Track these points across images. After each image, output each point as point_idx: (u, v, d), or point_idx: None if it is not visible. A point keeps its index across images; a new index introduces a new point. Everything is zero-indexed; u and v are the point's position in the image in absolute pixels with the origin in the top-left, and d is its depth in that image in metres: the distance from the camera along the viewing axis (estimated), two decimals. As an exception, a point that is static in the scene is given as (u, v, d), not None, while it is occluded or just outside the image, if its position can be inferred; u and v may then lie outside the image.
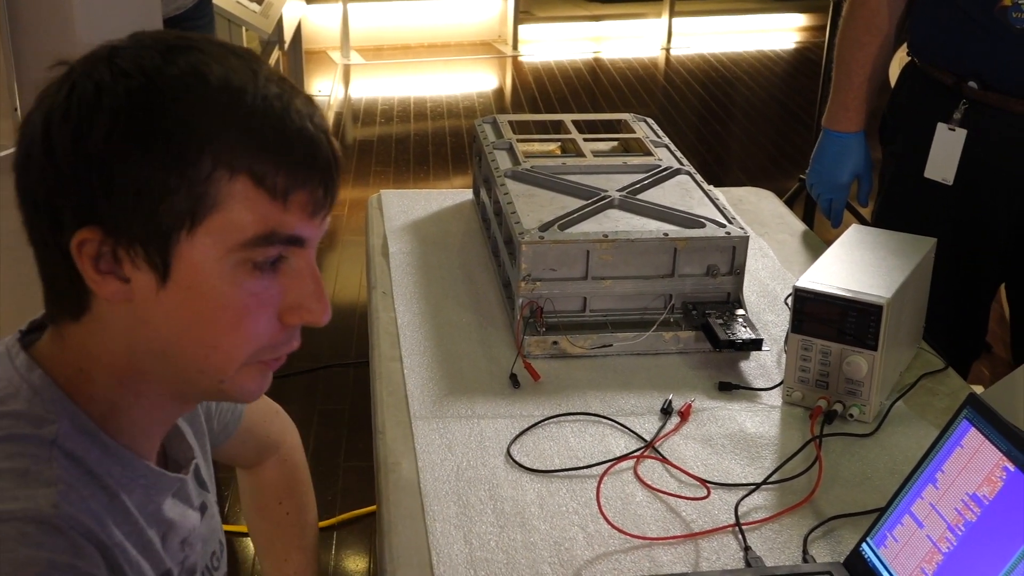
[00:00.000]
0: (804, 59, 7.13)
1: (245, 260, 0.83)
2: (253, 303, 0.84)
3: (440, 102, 6.04)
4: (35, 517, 0.79)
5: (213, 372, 0.86)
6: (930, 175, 1.87)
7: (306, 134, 0.84)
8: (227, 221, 0.81)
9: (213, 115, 0.81)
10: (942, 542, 1.09)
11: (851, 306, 1.42)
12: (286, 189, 0.82)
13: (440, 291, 1.79)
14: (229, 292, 0.83)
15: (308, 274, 0.86)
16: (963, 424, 1.12)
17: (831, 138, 2.02)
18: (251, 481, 1.40)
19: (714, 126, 5.92)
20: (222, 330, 0.84)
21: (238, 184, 0.81)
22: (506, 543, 1.22)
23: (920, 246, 1.58)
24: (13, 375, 0.87)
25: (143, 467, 0.90)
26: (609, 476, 1.34)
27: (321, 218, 0.87)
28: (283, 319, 0.86)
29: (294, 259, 0.86)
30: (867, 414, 1.46)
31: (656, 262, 1.62)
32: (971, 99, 1.81)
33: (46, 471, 0.82)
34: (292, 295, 0.86)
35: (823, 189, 2.05)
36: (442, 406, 1.48)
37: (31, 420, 0.84)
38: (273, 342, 0.87)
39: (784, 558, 1.22)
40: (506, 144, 1.98)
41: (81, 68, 0.83)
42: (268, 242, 0.83)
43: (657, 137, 2.06)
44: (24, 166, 0.84)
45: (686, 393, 1.52)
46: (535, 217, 1.66)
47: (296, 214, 0.84)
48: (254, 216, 0.82)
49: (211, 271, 0.82)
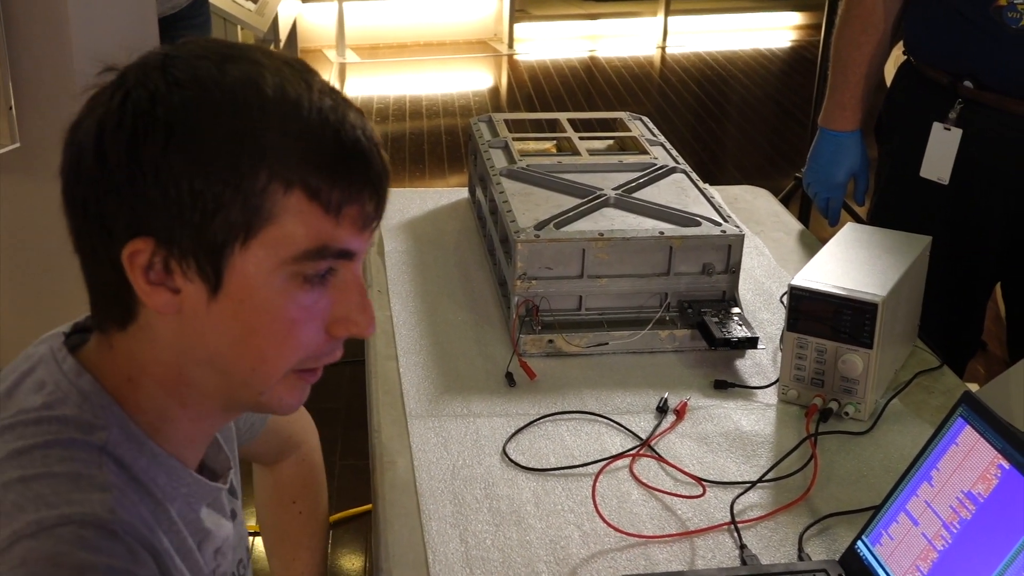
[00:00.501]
0: (800, 57, 7.13)
1: (296, 273, 0.83)
2: (302, 316, 0.84)
3: (436, 100, 6.04)
4: (92, 521, 0.78)
5: (256, 384, 0.86)
6: (926, 174, 1.87)
7: (360, 147, 0.83)
8: (280, 234, 0.81)
9: (269, 127, 0.80)
10: (937, 540, 1.09)
11: (846, 304, 1.42)
12: (340, 203, 0.82)
13: (436, 290, 1.79)
14: (280, 305, 0.83)
15: (355, 287, 0.86)
16: (958, 422, 1.13)
17: (828, 137, 2.02)
18: (268, 479, 1.40)
19: (710, 124, 5.92)
20: (270, 342, 0.84)
21: (292, 198, 0.81)
22: (502, 541, 1.22)
23: (915, 244, 1.58)
24: (61, 379, 0.86)
25: (188, 476, 0.90)
26: (605, 474, 1.34)
27: (370, 231, 0.86)
28: (330, 331, 0.86)
29: (342, 272, 0.86)
30: (862, 412, 1.46)
31: (652, 260, 1.62)
32: (967, 98, 1.81)
33: (99, 476, 0.82)
34: (339, 307, 0.86)
35: (820, 188, 2.05)
36: (438, 404, 1.48)
37: (80, 426, 0.84)
38: (317, 353, 0.87)
39: (780, 556, 1.22)
40: (502, 143, 1.98)
41: (134, 76, 0.82)
42: (320, 256, 0.83)
43: (653, 135, 2.06)
44: (74, 173, 0.83)
45: (682, 391, 1.52)
46: (531, 216, 1.66)
47: (347, 228, 0.83)
48: (307, 230, 0.81)
49: (263, 284, 0.82)
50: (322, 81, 0.85)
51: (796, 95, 6.25)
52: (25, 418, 0.84)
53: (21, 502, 0.78)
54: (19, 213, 2.46)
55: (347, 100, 0.85)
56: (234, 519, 1.04)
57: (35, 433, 0.82)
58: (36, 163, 2.39)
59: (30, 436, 0.82)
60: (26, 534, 0.76)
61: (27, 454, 0.81)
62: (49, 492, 0.79)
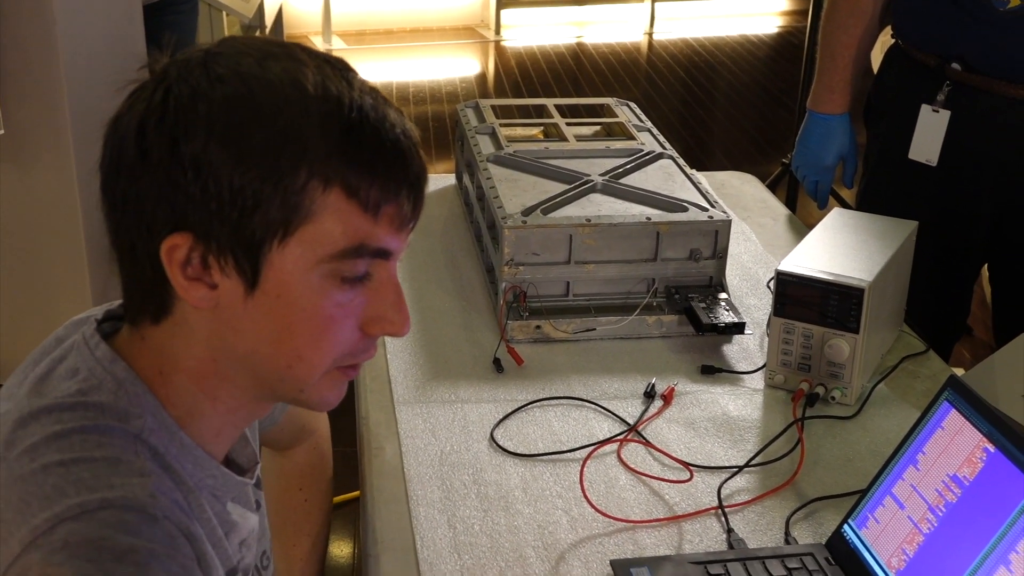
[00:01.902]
0: (786, 43, 7.13)
1: (334, 272, 0.82)
2: (339, 314, 0.84)
3: (423, 87, 6.02)
4: (134, 505, 0.79)
5: (294, 381, 0.87)
6: (914, 156, 1.88)
7: (400, 147, 0.83)
8: (319, 232, 0.81)
9: (310, 125, 0.80)
10: (923, 523, 1.10)
11: (833, 289, 1.42)
12: (378, 202, 0.82)
13: (423, 276, 1.79)
14: (316, 302, 0.83)
15: (390, 286, 0.87)
16: (944, 406, 1.13)
17: (816, 120, 2.02)
18: (278, 464, 1.41)
19: (697, 110, 5.92)
20: (307, 340, 0.84)
21: (332, 196, 0.80)
22: (490, 527, 1.23)
23: (902, 229, 1.58)
24: (95, 366, 0.86)
25: (214, 467, 0.90)
26: (592, 460, 1.35)
27: (407, 231, 0.87)
28: (365, 329, 0.86)
29: (378, 271, 0.86)
30: (849, 397, 1.46)
31: (639, 246, 1.62)
32: (955, 81, 1.82)
33: (136, 462, 0.82)
34: (374, 306, 0.86)
35: (808, 171, 2.06)
36: (425, 391, 1.48)
37: (116, 413, 0.84)
38: (353, 351, 0.87)
39: (766, 540, 1.23)
40: (489, 129, 1.97)
41: (176, 72, 0.82)
42: (357, 255, 0.83)
43: (640, 121, 2.06)
44: (114, 168, 0.83)
45: (669, 377, 1.53)
46: (518, 202, 1.66)
47: (385, 227, 0.83)
48: (345, 228, 0.81)
49: (300, 281, 0.82)
50: (362, 80, 0.85)
51: (783, 81, 6.25)
52: (62, 402, 0.84)
53: (62, 485, 0.78)
54: (3, 200, 2.45)
55: (387, 99, 0.85)
56: (257, 510, 1.04)
57: (72, 418, 0.83)
58: (21, 151, 2.38)
59: (67, 420, 0.82)
60: (68, 517, 0.76)
61: (65, 438, 0.81)
62: (89, 476, 0.79)
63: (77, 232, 2.48)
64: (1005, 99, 1.78)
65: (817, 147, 2.02)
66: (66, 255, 2.50)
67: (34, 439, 0.81)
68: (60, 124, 2.39)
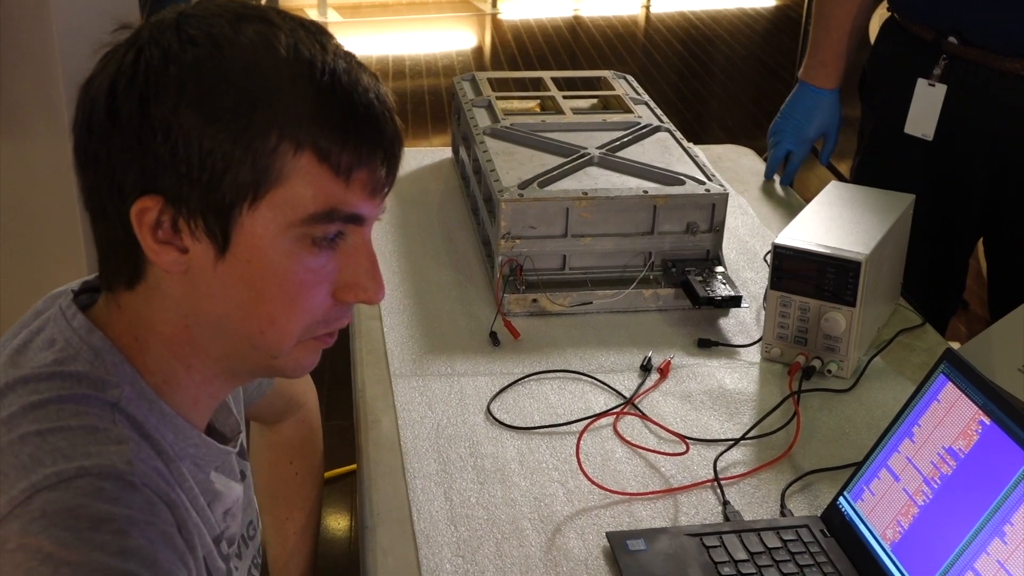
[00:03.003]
0: (784, 16, 7.10)
1: (304, 236, 0.82)
2: (310, 279, 0.84)
3: (419, 60, 6.00)
4: (111, 473, 0.79)
5: (267, 348, 0.86)
6: (910, 131, 1.87)
7: (372, 111, 0.83)
8: (289, 196, 0.80)
9: (281, 88, 0.79)
10: (918, 495, 1.10)
11: (829, 262, 1.42)
12: (350, 166, 0.81)
13: (419, 249, 1.79)
14: (287, 267, 0.82)
15: (364, 252, 0.86)
16: (940, 379, 1.13)
17: (806, 91, 2.01)
18: (267, 438, 1.41)
19: (694, 83, 5.90)
20: (278, 305, 0.84)
21: (303, 159, 0.80)
22: (486, 499, 1.23)
23: (899, 202, 1.58)
24: (72, 336, 0.86)
25: (195, 436, 0.90)
26: (589, 432, 1.35)
27: (381, 197, 0.86)
28: (337, 296, 0.86)
29: (352, 237, 0.85)
30: (845, 370, 1.46)
31: (636, 219, 1.62)
32: (951, 55, 1.81)
33: (114, 430, 0.82)
34: (348, 273, 0.85)
35: (786, 139, 2.05)
36: (422, 364, 1.48)
37: (93, 383, 0.84)
38: (326, 317, 0.87)
39: (762, 512, 1.23)
40: (485, 102, 1.97)
41: (148, 33, 0.81)
42: (328, 219, 0.82)
43: (637, 94, 2.05)
44: (85, 129, 0.83)
45: (665, 350, 1.53)
46: (514, 175, 1.66)
47: (357, 192, 0.83)
48: (316, 192, 0.81)
49: (270, 245, 0.81)
50: (337, 44, 0.84)
51: (780, 54, 6.23)
52: (39, 373, 0.84)
53: (39, 455, 0.78)
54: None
55: (361, 63, 0.85)
56: (243, 481, 1.04)
57: (48, 388, 0.82)
58: (14, 123, 2.37)
59: (44, 391, 0.82)
60: (45, 486, 0.76)
61: (42, 408, 0.81)
62: (66, 445, 0.79)
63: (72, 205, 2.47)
64: (1002, 73, 1.77)
65: (802, 118, 2.02)
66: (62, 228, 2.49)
67: (11, 410, 0.81)
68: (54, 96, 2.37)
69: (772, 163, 2.10)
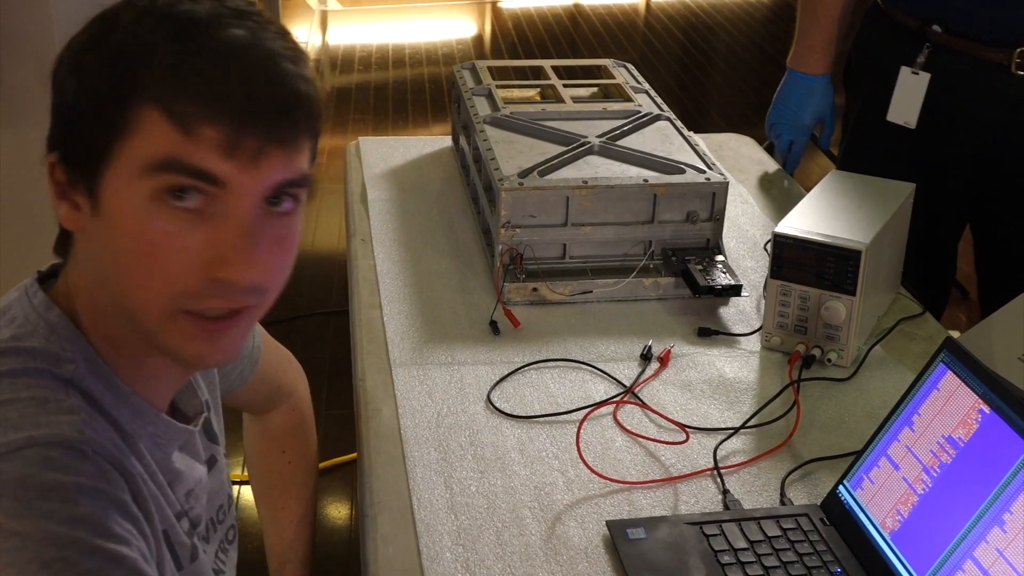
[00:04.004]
0: (785, 5, 7.09)
1: (154, 189, 0.79)
2: (165, 241, 0.80)
3: (419, 49, 5.99)
4: (60, 442, 0.79)
5: (136, 319, 0.84)
6: (893, 119, 1.87)
7: (234, 67, 0.79)
8: (139, 147, 0.79)
9: (144, 41, 0.80)
10: (918, 484, 1.10)
11: (830, 251, 1.42)
12: (189, 117, 0.78)
13: (419, 238, 1.79)
14: (140, 225, 0.80)
15: (234, 224, 0.81)
16: (940, 367, 1.13)
17: (796, 79, 2.01)
18: (258, 428, 1.41)
19: (694, 72, 5.89)
20: (134, 267, 0.81)
21: (154, 112, 0.79)
22: (486, 488, 1.23)
23: (899, 191, 1.58)
24: (31, 313, 0.87)
25: (152, 414, 0.90)
26: (589, 421, 1.35)
27: (246, 162, 0.80)
28: (207, 272, 0.81)
29: (220, 205, 0.81)
30: (845, 359, 1.46)
31: (636, 208, 1.62)
32: (935, 43, 1.80)
33: (66, 401, 0.82)
34: (214, 245, 0.81)
35: (784, 130, 2.05)
36: (422, 353, 1.48)
37: (48, 358, 0.84)
38: (194, 292, 0.82)
39: (762, 501, 1.23)
40: (485, 90, 1.96)
41: None
42: (169, 168, 0.79)
43: (637, 83, 2.05)
44: None
45: (665, 339, 1.53)
46: (514, 164, 1.66)
47: (206, 148, 0.79)
48: (160, 142, 0.79)
49: (125, 199, 0.80)
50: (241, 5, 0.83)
51: (781, 43, 6.22)
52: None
53: None
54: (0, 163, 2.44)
55: (266, 23, 0.83)
56: (213, 465, 1.04)
57: (3, 363, 0.83)
58: (16, 114, 2.37)
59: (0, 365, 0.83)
60: None
61: None
62: (16, 416, 0.80)
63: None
64: (984, 62, 1.77)
65: (796, 106, 2.01)
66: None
67: None
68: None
69: (779, 155, 2.09)
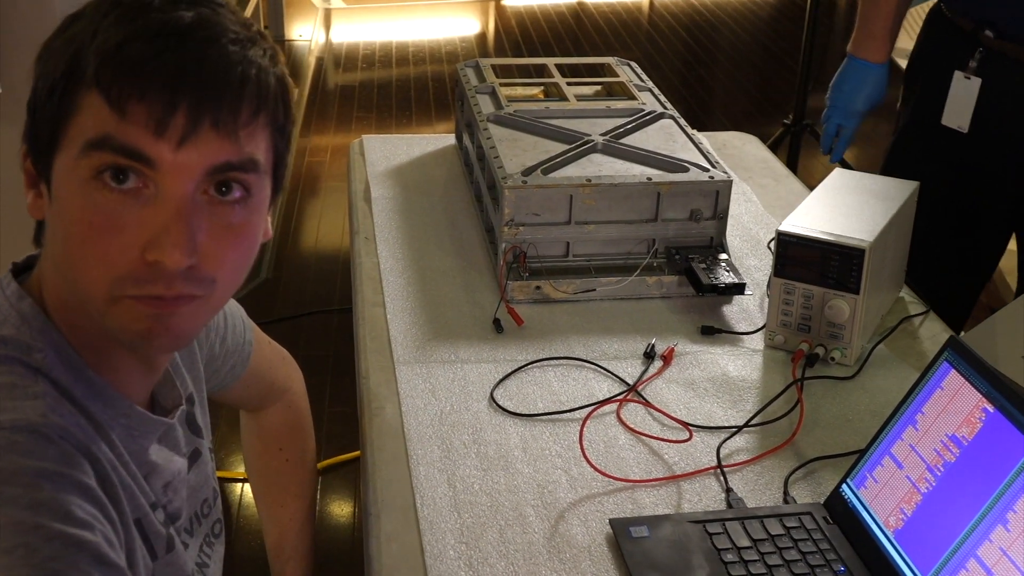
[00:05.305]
0: (789, 3, 7.08)
1: (90, 169, 0.80)
2: (101, 221, 0.80)
3: (423, 47, 5.99)
4: (23, 426, 0.79)
5: (88, 302, 0.84)
6: (947, 122, 1.87)
7: (170, 46, 0.79)
8: (78, 129, 0.81)
9: (95, 27, 0.81)
10: (921, 482, 1.10)
11: (833, 250, 1.42)
12: (122, 97, 0.79)
13: (423, 236, 1.79)
14: (79, 206, 0.81)
15: (170, 208, 0.81)
16: (944, 366, 1.13)
17: (855, 65, 2.00)
18: (254, 425, 1.40)
19: (698, 70, 5.89)
20: (76, 249, 0.82)
21: (91, 94, 0.80)
22: (489, 486, 1.23)
23: (903, 190, 1.58)
24: (2, 303, 0.87)
25: (125, 406, 0.90)
26: (592, 420, 1.35)
27: (177, 142, 0.80)
28: (143, 254, 0.81)
29: (155, 187, 0.81)
30: (848, 357, 1.46)
31: (639, 207, 1.62)
32: (987, 47, 1.80)
33: (33, 387, 0.82)
34: (148, 227, 0.80)
35: (835, 113, 2.04)
36: (425, 351, 1.48)
37: (18, 346, 0.84)
38: (133, 275, 0.81)
39: (765, 499, 1.23)
40: (489, 88, 1.96)
41: None
42: (100, 147, 0.79)
43: (641, 81, 2.05)
44: None
45: (669, 337, 1.53)
46: (518, 162, 1.66)
47: (137, 127, 0.79)
48: (94, 122, 0.80)
49: (69, 182, 0.82)
50: None
51: (785, 41, 6.21)
52: None
53: None
54: (2, 159, 2.44)
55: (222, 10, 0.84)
56: (197, 459, 1.04)
57: None
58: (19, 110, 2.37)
59: None
60: None
61: None
62: None
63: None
64: None
65: (850, 91, 2.01)
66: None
67: None
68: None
69: (826, 139, 2.09)
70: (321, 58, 5.84)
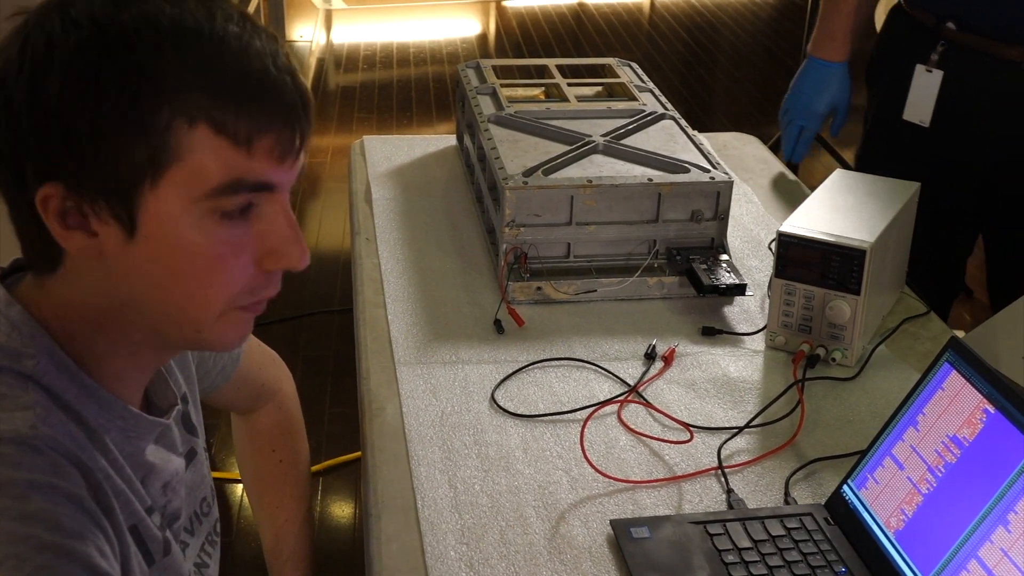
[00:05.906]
0: (789, 4, 7.08)
1: (213, 209, 0.81)
2: (226, 252, 0.83)
3: (423, 48, 5.99)
4: (12, 438, 0.79)
5: (189, 323, 0.86)
6: (908, 117, 1.87)
7: (268, 76, 0.81)
8: (191, 171, 0.80)
9: (166, 61, 0.78)
10: (922, 483, 1.10)
11: (834, 250, 1.42)
12: (249, 135, 0.80)
13: (424, 237, 1.79)
14: (199, 242, 0.82)
15: (282, 218, 0.85)
16: (944, 367, 1.13)
17: (814, 65, 2.01)
18: (246, 428, 1.40)
19: (699, 71, 5.89)
20: (195, 282, 0.83)
21: (198, 133, 0.79)
22: (490, 487, 1.23)
23: (904, 190, 1.58)
24: None
25: (120, 408, 0.90)
26: (593, 420, 1.35)
27: (292, 161, 0.84)
28: (261, 265, 0.85)
29: (266, 205, 0.84)
30: (849, 358, 1.46)
31: (640, 207, 1.62)
32: (949, 41, 1.80)
33: (23, 397, 0.82)
34: (268, 240, 0.84)
35: (796, 115, 2.04)
36: (426, 352, 1.48)
37: (8, 353, 0.84)
38: (251, 287, 0.86)
39: (766, 500, 1.23)
40: (489, 89, 1.96)
41: (34, 20, 0.80)
42: (234, 190, 0.81)
43: (641, 82, 2.05)
44: None
45: (670, 338, 1.53)
46: (519, 163, 1.66)
47: (263, 160, 0.81)
48: (218, 165, 0.80)
49: (179, 222, 0.81)
50: (229, 9, 0.83)
51: (786, 42, 6.22)
52: None
53: None
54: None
55: (257, 26, 0.83)
56: (193, 458, 1.04)
57: None
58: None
59: None
60: None
61: None
62: None
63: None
64: (1000, 61, 1.76)
65: (811, 92, 2.01)
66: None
67: None
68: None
69: (787, 141, 2.09)
70: (322, 59, 5.84)
